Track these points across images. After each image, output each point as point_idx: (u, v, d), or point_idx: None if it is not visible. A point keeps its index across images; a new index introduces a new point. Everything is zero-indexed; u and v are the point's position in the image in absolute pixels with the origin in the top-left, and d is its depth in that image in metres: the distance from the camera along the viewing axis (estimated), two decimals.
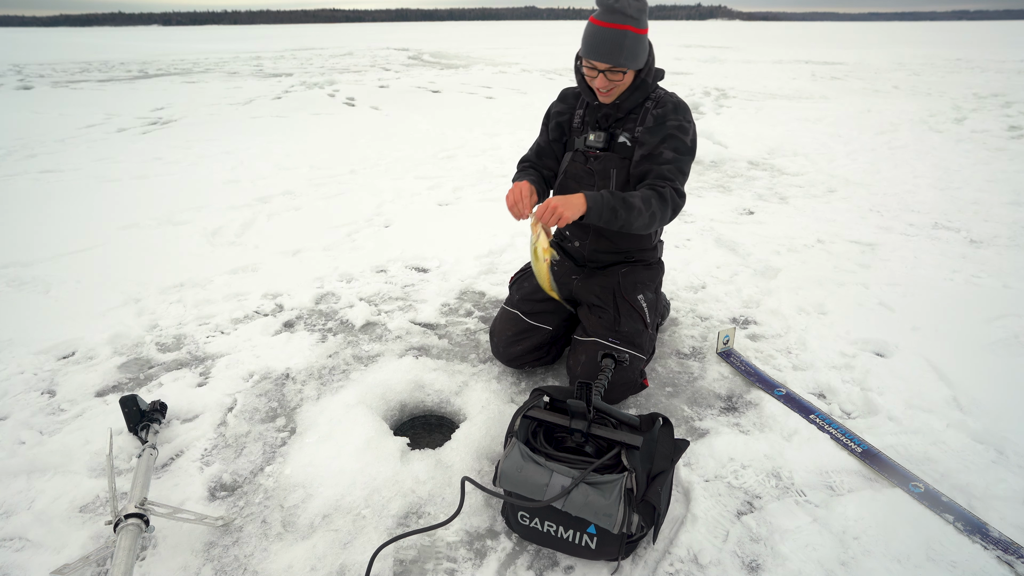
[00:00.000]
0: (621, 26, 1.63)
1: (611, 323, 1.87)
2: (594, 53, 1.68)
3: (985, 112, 7.42)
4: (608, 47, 1.65)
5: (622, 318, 1.87)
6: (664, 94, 1.86)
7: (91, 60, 18.68)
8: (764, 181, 4.60)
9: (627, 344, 1.84)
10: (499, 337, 2.04)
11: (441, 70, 14.34)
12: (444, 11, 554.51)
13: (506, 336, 2.02)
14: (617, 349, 1.82)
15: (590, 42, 1.68)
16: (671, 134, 1.79)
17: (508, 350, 2.02)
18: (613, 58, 1.66)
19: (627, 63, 1.68)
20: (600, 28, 1.64)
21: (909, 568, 1.33)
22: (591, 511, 1.25)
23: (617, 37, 1.64)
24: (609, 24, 1.63)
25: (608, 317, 1.88)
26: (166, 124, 7.36)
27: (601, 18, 1.64)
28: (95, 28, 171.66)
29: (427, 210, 3.94)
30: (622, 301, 1.90)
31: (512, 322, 2.02)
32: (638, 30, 1.66)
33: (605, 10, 1.63)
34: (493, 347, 2.09)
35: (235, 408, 1.92)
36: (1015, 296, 2.60)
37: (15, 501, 1.54)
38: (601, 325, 1.87)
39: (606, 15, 1.63)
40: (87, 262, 3.08)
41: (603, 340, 1.84)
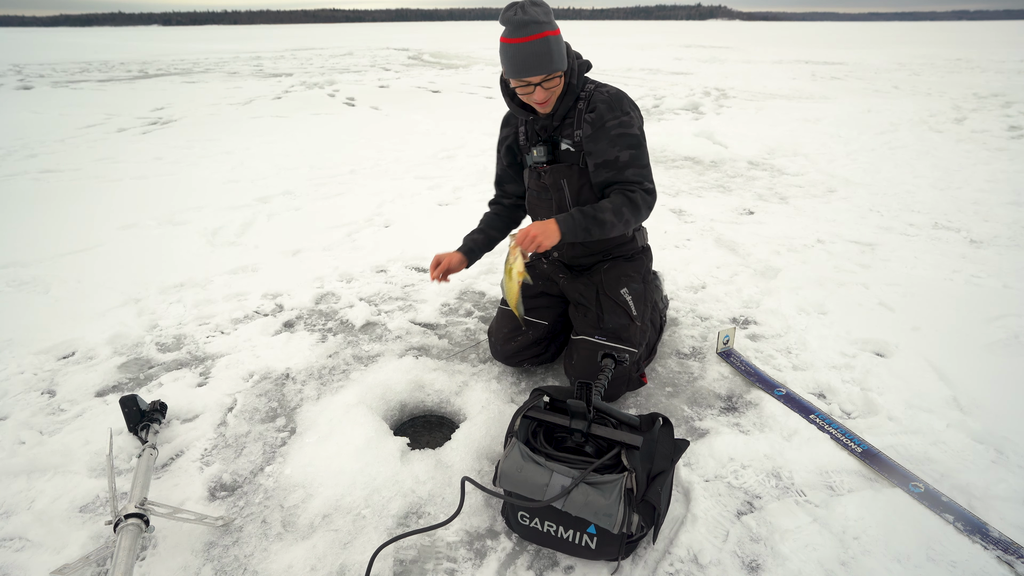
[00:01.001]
0: (539, 35, 1.62)
1: (595, 320, 1.88)
2: (525, 70, 1.66)
3: (985, 112, 7.42)
4: (536, 59, 1.64)
5: (605, 315, 1.88)
6: (594, 90, 1.81)
7: (91, 60, 18.68)
8: (764, 181, 4.60)
9: (614, 339, 1.84)
10: (496, 335, 2.06)
11: (441, 70, 14.34)
12: (444, 11, 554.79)
13: (502, 333, 2.03)
14: (611, 347, 1.83)
15: (516, 62, 1.65)
16: (618, 134, 1.75)
17: (505, 347, 2.02)
18: (544, 67, 1.65)
19: (559, 66, 1.68)
20: (521, 45, 1.62)
21: (909, 568, 1.33)
22: (591, 511, 1.25)
23: (540, 47, 1.63)
24: (527, 38, 1.62)
25: (592, 315, 1.90)
26: (166, 124, 7.36)
27: (516, 35, 1.62)
28: (95, 28, 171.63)
29: (427, 210, 3.94)
30: (604, 298, 1.90)
31: (508, 319, 2.03)
32: (554, 32, 1.66)
33: (517, 26, 1.61)
34: (491, 346, 2.10)
35: (235, 408, 1.92)
36: (1015, 296, 2.60)
37: (15, 501, 1.54)
38: (587, 323, 1.90)
39: (520, 31, 1.61)
40: (87, 262, 3.08)
41: (591, 338, 1.86)
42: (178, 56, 20.63)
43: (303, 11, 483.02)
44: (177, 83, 12.03)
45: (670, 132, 6.09)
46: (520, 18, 1.61)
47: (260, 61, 17.81)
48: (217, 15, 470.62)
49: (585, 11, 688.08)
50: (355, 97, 9.62)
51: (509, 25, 1.63)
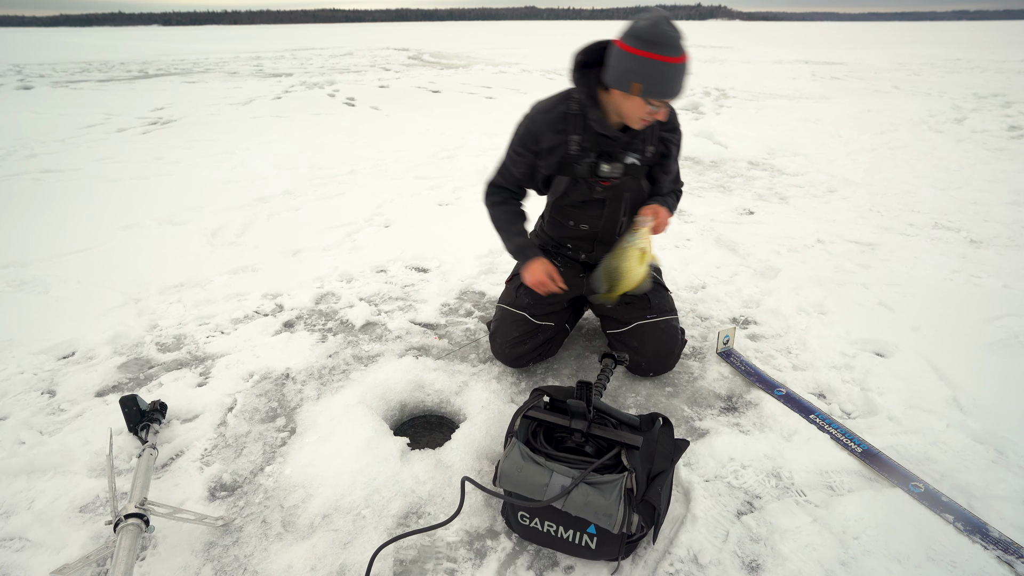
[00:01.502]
0: (683, 59, 1.57)
1: (643, 304, 1.97)
2: (666, 91, 1.59)
3: (985, 112, 7.42)
4: (677, 83, 1.59)
5: (650, 295, 1.98)
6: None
7: (91, 60, 18.68)
8: (764, 181, 4.60)
9: (664, 313, 1.98)
10: (503, 338, 2.03)
11: (441, 70, 14.34)
12: (444, 11, 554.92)
13: (512, 337, 2.01)
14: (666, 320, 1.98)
15: (665, 80, 1.57)
16: (679, 146, 1.91)
17: (513, 351, 2.02)
18: (679, 92, 1.61)
19: (680, 96, 1.64)
20: (669, 65, 1.55)
21: (909, 568, 1.33)
22: (591, 511, 1.25)
23: (682, 71, 1.58)
24: (676, 59, 1.55)
25: (638, 301, 1.97)
26: (166, 124, 7.36)
27: (671, 54, 1.54)
28: (95, 28, 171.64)
29: (427, 210, 3.94)
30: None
31: (519, 324, 2.01)
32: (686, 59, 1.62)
33: (672, 44, 1.53)
34: (496, 348, 2.08)
35: (235, 408, 1.92)
36: (1015, 296, 2.60)
37: (15, 501, 1.54)
38: (634, 309, 1.97)
39: (674, 50, 1.54)
40: (87, 262, 3.08)
41: (644, 320, 1.96)
42: (178, 56, 20.63)
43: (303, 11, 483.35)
44: (177, 83, 12.03)
45: None
46: (674, 35, 1.53)
47: (260, 61, 17.81)
48: (217, 15, 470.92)
49: (585, 11, 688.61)
50: (355, 97, 9.62)
51: (661, 39, 1.52)
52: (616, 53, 1.60)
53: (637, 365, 2.00)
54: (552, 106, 1.79)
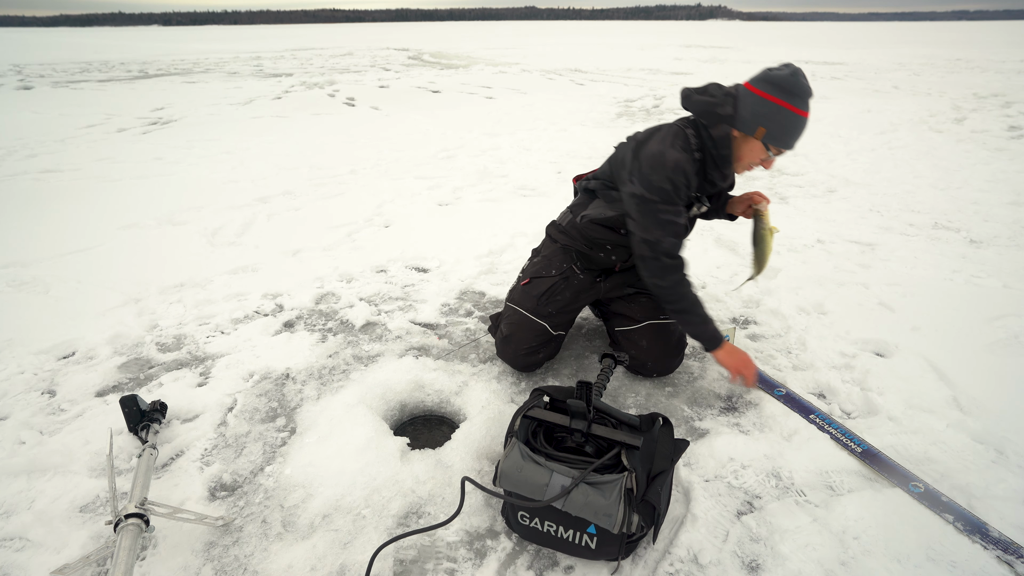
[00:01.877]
0: (808, 115, 1.62)
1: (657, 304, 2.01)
2: (789, 142, 1.64)
3: (985, 112, 7.42)
4: (799, 136, 1.64)
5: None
6: None
7: (91, 60, 18.68)
8: (764, 181, 4.60)
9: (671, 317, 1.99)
10: (518, 346, 2.00)
11: (441, 70, 14.34)
12: (444, 11, 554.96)
13: (529, 346, 2.00)
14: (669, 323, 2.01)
15: (793, 132, 1.62)
16: None
17: (528, 359, 2.02)
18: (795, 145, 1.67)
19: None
20: (798, 117, 1.60)
21: (909, 568, 1.33)
22: (591, 511, 1.25)
23: (805, 126, 1.64)
24: (804, 113, 1.61)
25: (654, 299, 2.00)
26: (166, 124, 7.36)
27: (799, 106, 1.59)
28: (95, 28, 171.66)
29: (427, 210, 3.94)
30: None
31: (538, 333, 1.99)
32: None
33: (802, 99, 1.58)
34: (508, 353, 2.04)
35: (235, 408, 1.92)
36: (1015, 296, 2.60)
37: (15, 501, 1.54)
38: (647, 308, 2.02)
39: (802, 103, 1.59)
40: (87, 262, 3.08)
41: (656, 320, 2.00)
42: (178, 56, 20.62)
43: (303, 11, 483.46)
44: (177, 83, 12.03)
45: None
46: (808, 90, 1.59)
47: (260, 61, 17.81)
48: (217, 15, 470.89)
49: (585, 11, 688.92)
50: (355, 97, 9.62)
51: (798, 90, 1.58)
52: (747, 97, 1.63)
53: (643, 365, 2.00)
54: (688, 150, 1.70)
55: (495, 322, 2.18)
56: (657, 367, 2.00)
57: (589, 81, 11.60)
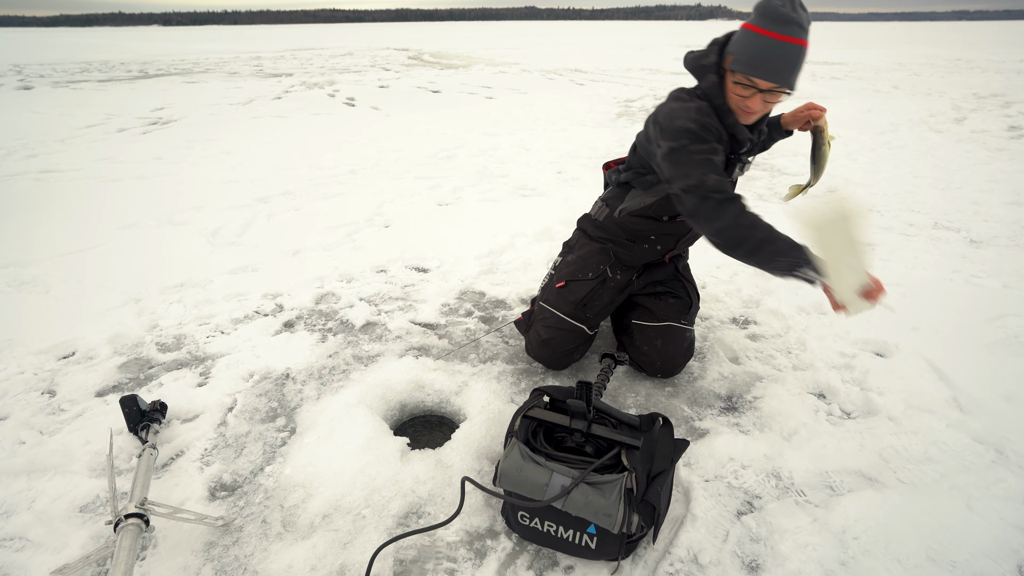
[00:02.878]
0: (799, 40, 1.41)
1: (684, 308, 2.02)
2: (763, 70, 1.45)
3: (985, 112, 7.42)
4: (781, 64, 1.44)
5: (692, 301, 2.05)
6: None
7: (91, 60, 18.68)
8: (764, 181, 4.60)
9: (689, 323, 2.03)
10: (556, 348, 2.01)
11: (441, 70, 14.34)
12: (444, 11, 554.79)
13: (567, 348, 2.01)
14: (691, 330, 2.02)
15: (759, 56, 1.44)
16: None
17: (565, 359, 2.06)
18: (784, 78, 1.46)
19: (794, 85, 1.49)
20: (775, 41, 1.41)
21: (909, 568, 1.33)
22: (591, 511, 1.25)
23: (794, 54, 1.43)
24: (787, 38, 1.41)
25: (681, 303, 2.02)
26: (166, 124, 7.36)
27: (777, 30, 1.41)
28: (95, 28, 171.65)
29: (427, 210, 3.94)
30: (690, 285, 2.09)
31: (576, 335, 2.00)
32: (807, 44, 1.45)
33: (782, 21, 1.40)
34: (547, 356, 2.03)
35: (235, 408, 1.92)
36: (1015, 296, 2.60)
37: (15, 501, 1.54)
38: (675, 309, 2.01)
39: (783, 27, 1.40)
40: (87, 262, 3.08)
41: (676, 323, 1.98)
42: (178, 56, 20.62)
43: (303, 11, 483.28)
44: (177, 83, 12.02)
45: None
46: (790, 15, 1.40)
47: (260, 61, 17.81)
48: (217, 15, 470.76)
49: (585, 11, 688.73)
50: (355, 97, 9.62)
51: (773, 17, 1.41)
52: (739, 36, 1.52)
53: (651, 364, 1.99)
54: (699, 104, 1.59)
55: (527, 320, 2.12)
56: (665, 368, 2.00)
57: (589, 81, 11.60)
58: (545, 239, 3.29)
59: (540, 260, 3.02)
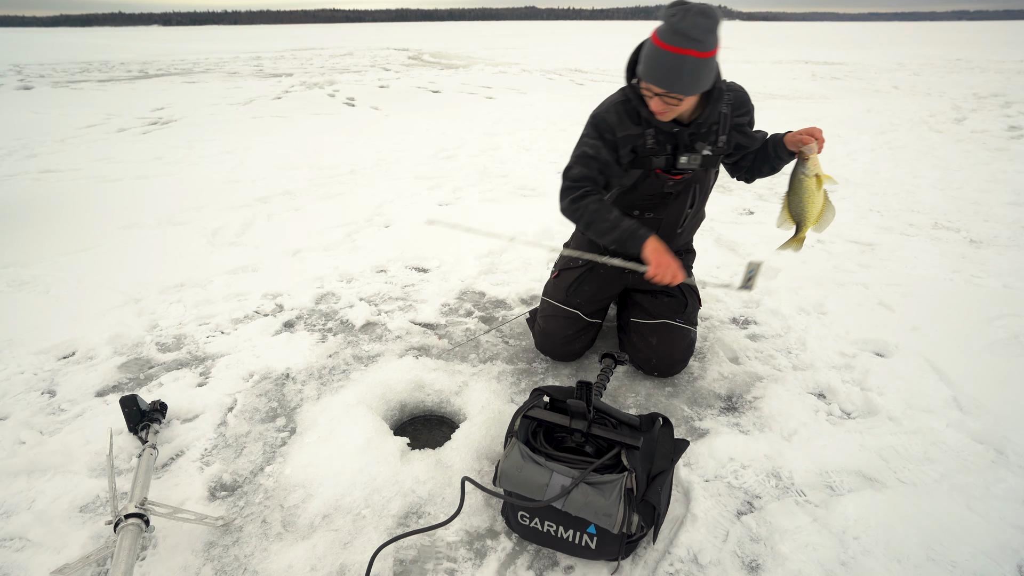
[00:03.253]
0: (682, 50, 1.47)
1: (680, 307, 2.03)
2: (650, 77, 1.55)
3: (985, 112, 7.42)
4: (665, 72, 1.51)
5: (688, 300, 2.04)
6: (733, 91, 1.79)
7: (91, 60, 18.68)
8: (764, 181, 4.60)
9: (688, 322, 2.03)
10: (556, 337, 2.08)
11: (441, 70, 14.34)
12: (444, 11, 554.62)
13: (566, 335, 2.07)
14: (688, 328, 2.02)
15: (648, 64, 1.54)
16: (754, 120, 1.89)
17: (566, 348, 2.09)
18: (670, 85, 1.53)
19: (685, 91, 1.54)
20: (661, 51, 1.50)
21: (909, 568, 1.33)
22: (591, 511, 1.25)
23: (676, 63, 1.49)
24: (671, 48, 1.48)
25: (676, 301, 2.03)
26: (166, 124, 7.36)
27: (664, 39, 1.49)
28: (95, 28, 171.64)
29: (427, 210, 3.94)
30: (685, 285, 2.06)
31: (572, 321, 2.06)
32: (702, 54, 1.48)
33: (668, 31, 1.48)
34: (548, 346, 2.12)
35: (235, 408, 1.92)
36: (1015, 296, 2.60)
37: (15, 501, 1.54)
38: (669, 308, 2.02)
39: (668, 36, 1.48)
40: (87, 262, 3.08)
41: (672, 321, 2.00)
42: (178, 56, 20.62)
43: (303, 11, 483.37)
44: (177, 83, 12.02)
45: None
46: (675, 24, 1.46)
47: (260, 61, 17.81)
48: (217, 15, 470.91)
49: (585, 11, 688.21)
50: (355, 97, 9.62)
51: (664, 27, 1.49)
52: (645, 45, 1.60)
53: (647, 361, 2.01)
54: (621, 99, 1.73)
55: (533, 317, 2.24)
56: (661, 366, 2.01)
57: (589, 81, 11.60)
58: (545, 239, 3.29)
59: (540, 260, 3.02)
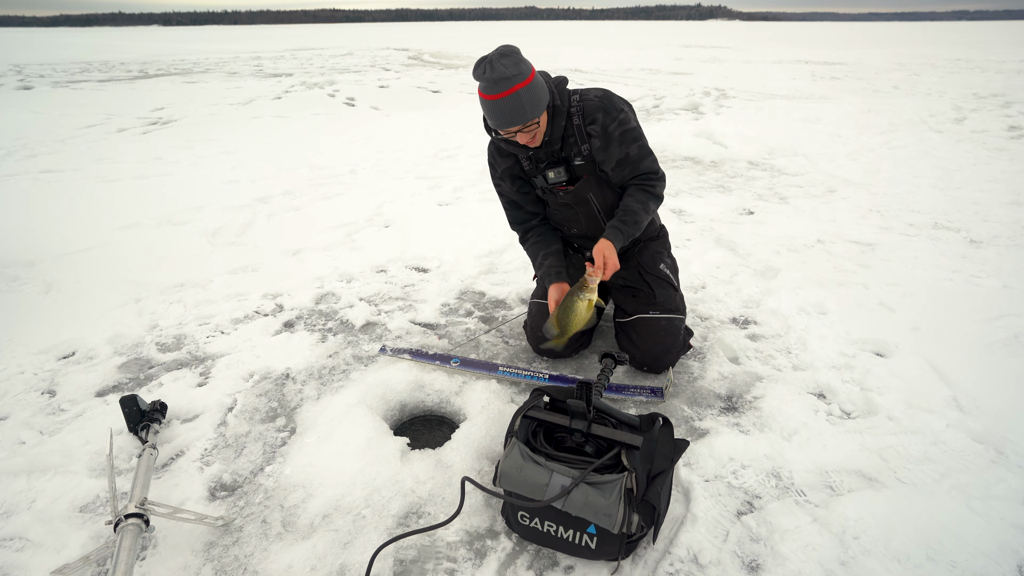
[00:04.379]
0: (510, 90, 1.61)
1: (648, 299, 2.04)
2: (502, 124, 1.68)
3: (985, 112, 7.42)
4: (512, 113, 1.65)
5: (655, 291, 2.04)
6: (581, 101, 1.84)
7: (91, 60, 18.68)
8: (764, 181, 4.60)
9: (666, 311, 2.02)
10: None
11: (441, 70, 14.34)
12: (444, 11, 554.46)
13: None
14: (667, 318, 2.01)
15: (494, 117, 1.67)
16: (622, 133, 1.82)
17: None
18: (519, 119, 1.66)
19: (535, 114, 1.68)
20: (495, 101, 1.63)
21: (909, 568, 1.33)
22: (591, 511, 1.25)
23: (513, 102, 1.63)
24: (501, 95, 1.62)
25: (643, 295, 2.05)
26: (166, 124, 7.36)
27: (490, 91, 1.62)
28: (95, 28, 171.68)
29: (427, 210, 3.94)
30: (648, 276, 2.06)
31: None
32: (525, 82, 1.63)
33: (490, 83, 1.61)
34: (535, 341, 2.14)
35: (235, 408, 1.92)
36: (1015, 296, 2.60)
37: (15, 501, 1.54)
38: (639, 303, 2.04)
39: (491, 88, 1.62)
40: (87, 262, 3.08)
41: (646, 315, 2.02)
42: (178, 56, 20.62)
43: (303, 11, 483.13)
44: (177, 83, 12.02)
45: (670, 132, 6.09)
46: (490, 76, 1.60)
47: (260, 61, 17.81)
48: (217, 15, 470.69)
49: (585, 11, 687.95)
50: (355, 97, 9.62)
51: (482, 81, 1.63)
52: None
53: (634, 357, 2.04)
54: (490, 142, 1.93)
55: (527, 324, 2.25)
56: (647, 360, 2.02)
57: (589, 81, 11.60)
58: None
59: None
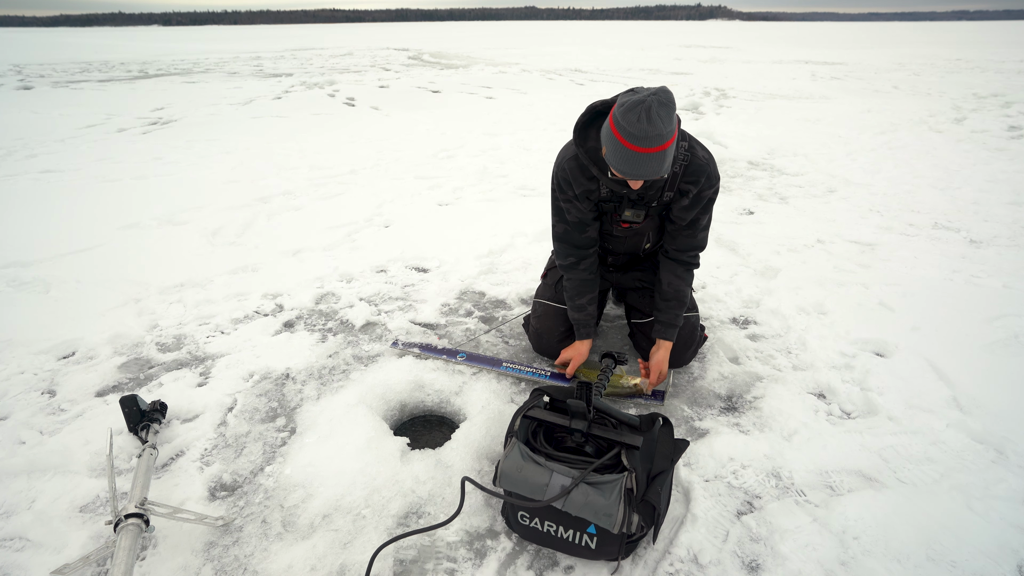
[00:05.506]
0: (659, 148, 1.45)
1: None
2: (624, 172, 1.53)
3: (985, 112, 7.42)
4: (650, 171, 1.50)
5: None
6: (691, 152, 1.73)
7: (91, 60, 18.68)
8: (764, 181, 4.60)
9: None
10: (550, 335, 2.10)
11: (441, 70, 14.34)
12: (444, 11, 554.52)
13: (559, 333, 2.08)
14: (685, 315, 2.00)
15: (629, 167, 1.50)
16: (707, 202, 1.83)
17: (560, 345, 2.08)
18: (655, 175, 1.52)
19: (667, 172, 1.55)
20: (639, 155, 1.46)
21: (909, 568, 1.33)
22: (591, 511, 1.25)
23: (656, 160, 1.47)
24: (648, 150, 1.45)
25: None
26: (166, 124, 7.36)
27: (638, 144, 1.45)
28: (95, 28, 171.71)
29: (427, 210, 3.94)
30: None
31: (563, 318, 2.08)
32: (672, 139, 1.47)
33: (641, 138, 1.43)
34: (543, 344, 2.14)
35: (235, 408, 1.92)
36: (1015, 296, 2.60)
37: (15, 501, 1.54)
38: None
39: (643, 142, 1.44)
40: (87, 262, 3.08)
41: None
42: (178, 56, 20.62)
43: (303, 11, 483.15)
44: (177, 83, 12.02)
45: None
46: (646, 130, 1.42)
47: (260, 61, 17.80)
48: (217, 15, 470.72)
49: (585, 11, 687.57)
50: (355, 97, 9.62)
51: (632, 128, 1.44)
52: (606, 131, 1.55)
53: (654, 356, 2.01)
54: (572, 156, 1.77)
55: (527, 322, 2.25)
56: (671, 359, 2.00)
57: (589, 81, 11.60)
58: (545, 239, 3.29)
59: (540, 260, 3.02)
